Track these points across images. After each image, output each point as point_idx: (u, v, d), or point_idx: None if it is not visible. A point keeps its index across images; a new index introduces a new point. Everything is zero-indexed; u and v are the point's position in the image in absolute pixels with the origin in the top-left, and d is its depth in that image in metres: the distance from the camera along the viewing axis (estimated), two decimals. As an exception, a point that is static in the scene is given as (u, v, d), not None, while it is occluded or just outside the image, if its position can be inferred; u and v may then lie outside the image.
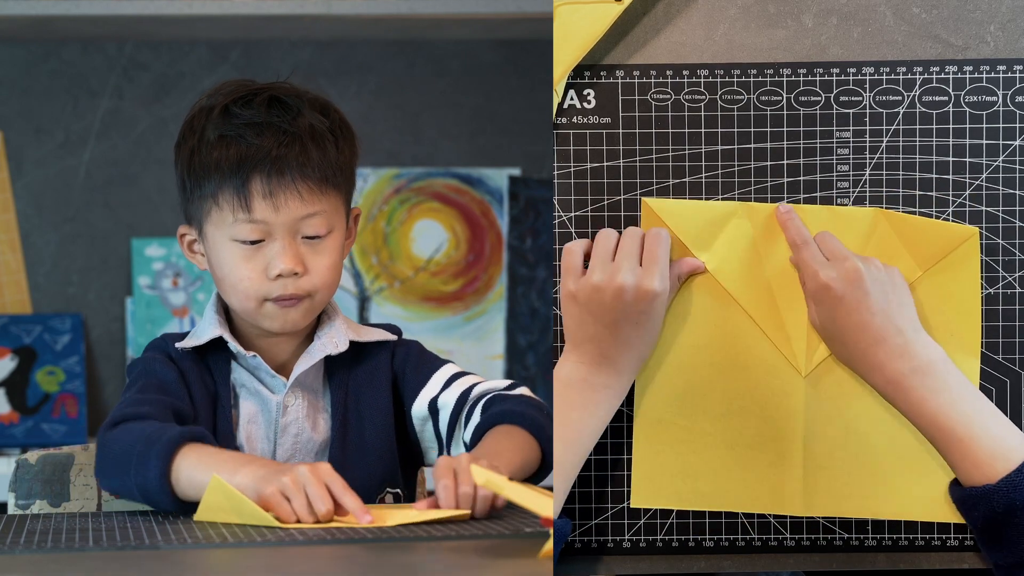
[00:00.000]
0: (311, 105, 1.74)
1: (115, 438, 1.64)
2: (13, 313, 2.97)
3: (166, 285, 3.00)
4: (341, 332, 1.78)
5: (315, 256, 1.72)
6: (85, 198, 3.01)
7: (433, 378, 1.79)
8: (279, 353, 1.78)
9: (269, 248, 1.70)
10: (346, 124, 1.77)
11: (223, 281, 1.73)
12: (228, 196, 1.69)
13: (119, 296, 3.02)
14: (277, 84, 1.77)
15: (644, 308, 1.56)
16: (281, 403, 1.76)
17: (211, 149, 1.70)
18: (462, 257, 3.10)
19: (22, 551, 1.40)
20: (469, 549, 1.39)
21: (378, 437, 1.77)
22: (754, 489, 1.64)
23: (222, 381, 1.76)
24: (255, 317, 1.73)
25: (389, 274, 3.08)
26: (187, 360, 1.75)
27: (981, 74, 1.64)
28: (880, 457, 1.63)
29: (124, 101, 3.02)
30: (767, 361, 1.63)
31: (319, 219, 1.71)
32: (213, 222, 1.71)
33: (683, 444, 1.64)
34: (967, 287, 1.62)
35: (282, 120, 1.71)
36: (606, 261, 1.57)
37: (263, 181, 1.68)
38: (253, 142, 1.69)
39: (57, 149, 3.00)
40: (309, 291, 1.72)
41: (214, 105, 1.73)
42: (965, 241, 1.62)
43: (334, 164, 1.72)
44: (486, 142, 3.11)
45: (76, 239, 3.01)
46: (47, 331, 2.97)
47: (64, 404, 2.95)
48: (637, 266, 1.56)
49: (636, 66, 1.65)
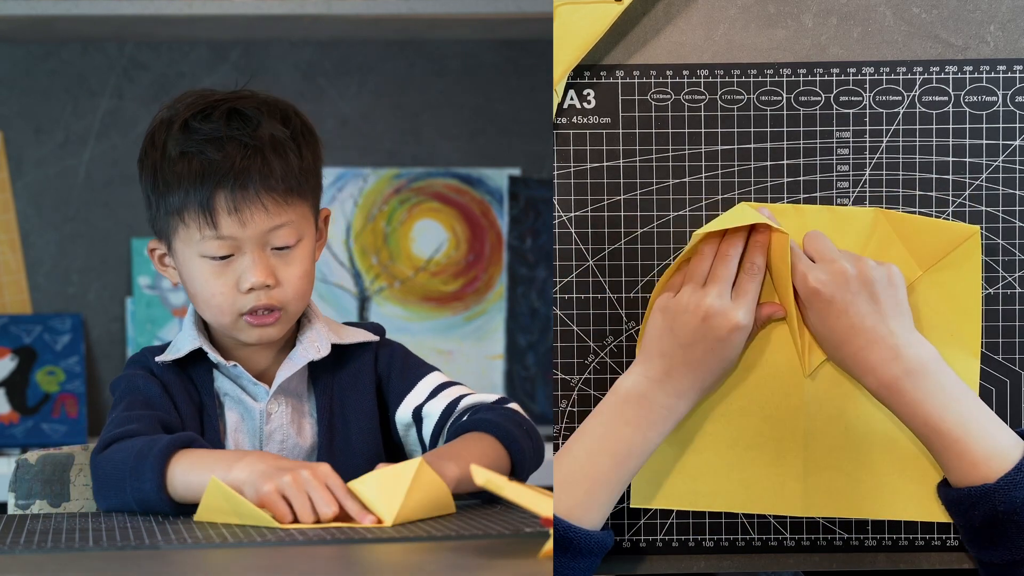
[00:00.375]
0: (271, 114, 1.72)
1: (107, 459, 1.64)
2: (13, 313, 2.97)
3: (166, 285, 3.00)
4: (323, 336, 1.77)
5: (286, 267, 1.71)
6: (85, 198, 3.01)
7: (419, 385, 1.78)
8: (260, 360, 1.78)
9: (239, 262, 1.69)
10: (308, 128, 1.75)
11: (196, 297, 1.73)
12: (193, 214, 1.68)
13: (119, 296, 3.02)
14: (236, 94, 1.75)
15: (724, 337, 1.55)
16: (264, 411, 1.75)
17: (173, 165, 1.69)
18: (462, 257, 3.10)
19: (22, 551, 1.40)
20: (469, 549, 1.39)
21: (364, 441, 1.77)
22: (754, 489, 1.63)
23: (206, 391, 1.75)
24: (231, 331, 1.73)
25: (389, 274, 3.08)
26: (169, 373, 1.75)
27: (981, 74, 1.64)
28: (880, 458, 1.62)
29: (124, 101, 3.01)
30: (768, 361, 1.63)
31: (287, 230, 1.70)
32: (181, 239, 1.71)
33: (683, 444, 1.64)
34: (968, 286, 1.62)
35: (242, 133, 1.69)
36: (699, 283, 1.57)
37: (227, 197, 1.67)
38: (214, 157, 1.68)
39: (57, 149, 3.00)
40: (282, 302, 1.71)
41: (174, 119, 1.72)
42: (966, 240, 1.62)
43: (298, 173, 1.71)
44: (486, 142, 3.11)
45: (76, 239, 3.01)
46: (47, 331, 2.97)
47: (64, 404, 2.95)
48: (727, 293, 1.56)
49: (636, 66, 1.65)
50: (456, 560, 1.34)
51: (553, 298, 1.66)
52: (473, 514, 1.60)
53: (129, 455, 1.62)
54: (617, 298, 1.66)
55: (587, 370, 1.66)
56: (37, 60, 2.99)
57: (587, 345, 1.66)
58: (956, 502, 1.54)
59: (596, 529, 1.55)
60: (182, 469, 1.59)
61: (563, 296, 1.66)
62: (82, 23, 2.82)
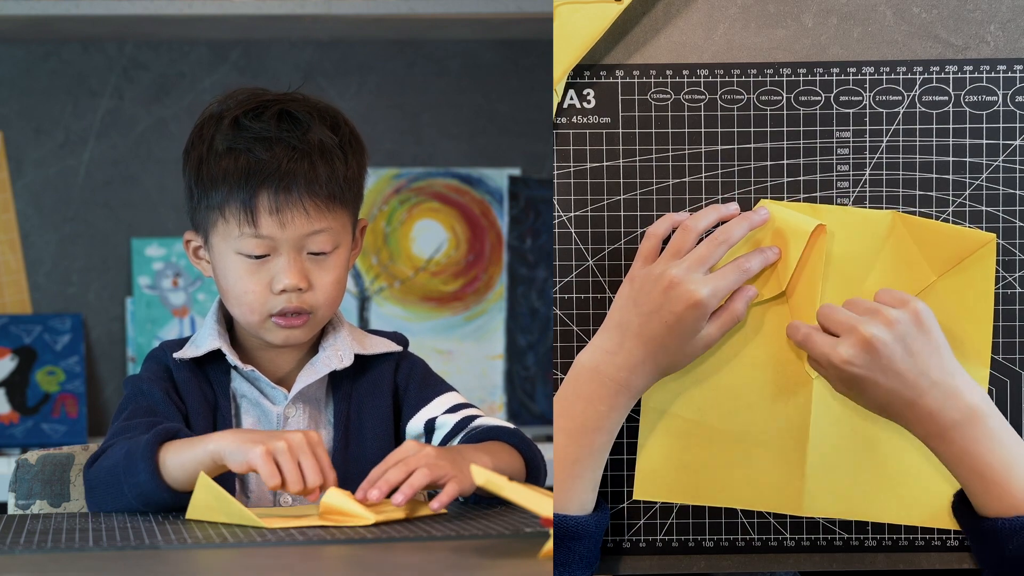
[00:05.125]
0: (321, 119, 1.73)
1: (98, 467, 1.65)
2: (13, 313, 2.97)
3: (166, 285, 3.00)
4: (346, 345, 1.77)
5: (320, 272, 1.72)
6: (85, 198, 3.01)
7: (436, 401, 1.79)
8: (282, 364, 1.78)
9: (274, 263, 1.70)
10: (356, 137, 1.76)
11: (227, 293, 1.73)
12: (234, 210, 1.69)
13: (119, 296, 3.02)
14: (288, 95, 1.76)
15: (680, 312, 1.51)
16: (282, 415, 1.75)
17: (219, 160, 1.70)
18: (462, 257, 3.10)
19: (22, 551, 1.40)
20: (469, 549, 1.39)
21: (379, 447, 1.77)
22: (757, 487, 1.63)
23: (222, 392, 1.75)
24: (258, 331, 1.73)
25: (389, 274, 3.08)
26: (185, 370, 1.75)
27: (981, 74, 1.64)
28: (885, 461, 1.62)
29: (124, 101, 3.02)
30: (776, 358, 1.62)
31: (325, 236, 1.71)
32: (219, 233, 1.71)
33: (689, 438, 1.63)
34: (980, 295, 1.61)
35: (291, 136, 1.70)
36: (675, 256, 1.54)
37: (270, 197, 1.68)
38: (262, 157, 1.68)
39: (57, 149, 3.00)
40: (313, 306, 1.72)
41: (224, 114, 1.72)
42: (981, 248, 1.61)
43: (342, 180, 1.71)
44: (486, 142, 3.11)
45: (76, 239, 3.01)
46: (47, 331, 2.97)
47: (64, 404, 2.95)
48: (701, 270, 1.52)
49: (636, 66, 1.65)
50: (456, 560, 1.34)
51: (553, 298, 1.66)
52: (473, 514, 1.60)
53: (119, 457, 1.62)
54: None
55: (587, 370, 1.66)
56: (37, 60, 2.99)
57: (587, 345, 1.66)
58: (991, 533, 1.50)
59: (579, 513, 1.54)
60: (173, 452, 1.59)
61: (563, 296, 1.66)
62: (82, 23, 2.82)
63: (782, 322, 1.62)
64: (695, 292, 1.52)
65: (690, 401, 1.63)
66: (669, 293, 1.52)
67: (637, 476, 1.64)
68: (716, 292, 1.53)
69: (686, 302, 1.52)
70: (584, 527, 1.54)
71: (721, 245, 1.55)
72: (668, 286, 1.52)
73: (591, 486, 1.56)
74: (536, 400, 3.08)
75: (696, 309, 1.52)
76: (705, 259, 1.54)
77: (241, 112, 1.71)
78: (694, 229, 1.56)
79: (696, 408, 1.63)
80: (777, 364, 1.63)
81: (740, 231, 1.57)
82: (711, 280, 1.53)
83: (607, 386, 1.54)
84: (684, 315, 1.52)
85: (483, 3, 2.82)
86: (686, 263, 1.53)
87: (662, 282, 1.52)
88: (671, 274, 1.52)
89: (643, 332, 1.53)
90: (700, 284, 1.52)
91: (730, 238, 1.56)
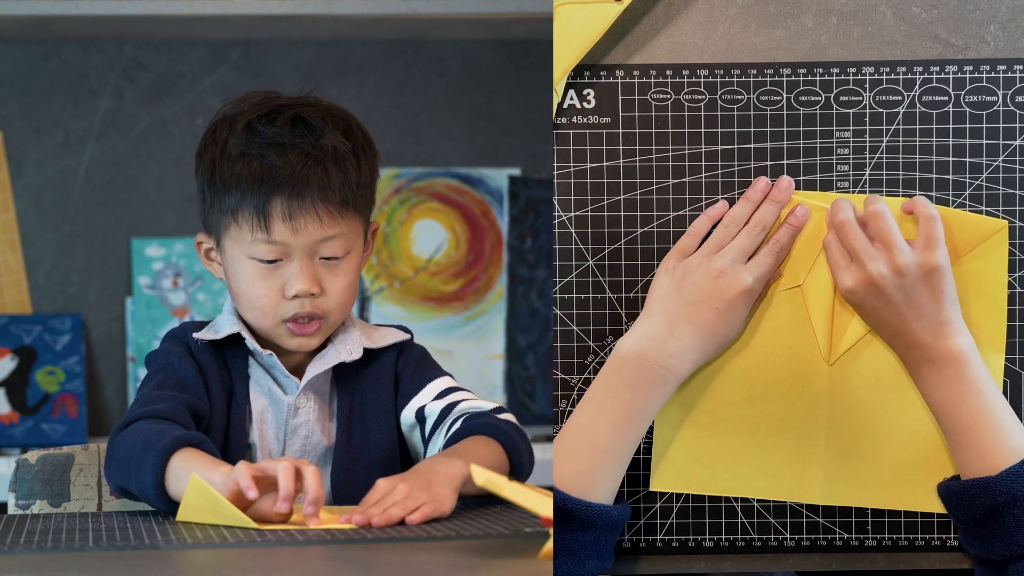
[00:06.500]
0: (334, 124, 1.73)
1: (122, 440, 1.64)
2: (13, 313, 2.97)
3: (166, 285, 3.00)
4: (356, 341, 1.78)
5: (332, 277, 1.72)
6: (85, 198, 3.01)
7: (427, 387, 1.78)
8: (295, 354, 1.78)
9: (287, 268, 1.70)
10: (369, 141, 1.76)
11: (240, 296, 1.73)
12: (247, 215, 1.69)
13: (119, 296, 3.02)
14: (302, 100, 1.76)
15: (732, 298, 1.58)
16: (293, 404, 1.76)
17: (232, 164, 1.70)
18: (462, 257, 3.10)
19: (22, 551, 1.40)
20: (469, 549, 1.39)
21: (381, 438, 1.77)
22: (774, 476, 1.63)
23: (239, 378, 1.76)
24: (271, 335, 1.74)
25: (389, 274, 3.08)
26: (206, 353, 1.75)
27: (981, 74, 1.64)
28: (902, 449, 1.62)
29: (124, 101, 3.01)
30: (792, 348, 1.63)
31: (337, 241, 1.71)
32: (231, 237, 1.71)
33: (705, 428, 1.64)
34: (994, 280, 1.62)
35: (305, 141, 1.70)
36: (714, 250, 1.60)
37: (283, 203, 1.68)
38: (275, 163, 1.68)
39: (57, 149, 3.00)
40: (325, 311, 1.72)
41: (238, 117, 1.72)
42: (994, 234, 1.61)
43: (355, 186, 1.71)
44: (486, 142, 3.11)
45: (76, 239, 3.01)
46: (47, 331, 2.97)
47: (64, 404, 2.95)
48: (742, 260, 1.59)
49: (636, 66, 1.65)
50: (456, 560, 1.34)
51: (553, 298, 1.66)
52: (473, 514, 1.60)
53: (138, 442, 1.61)
54: (617, 298, 1.66)
55: (587, 370, 1.67)
56: (37, 60, 2.99)
57: (587, 345, 1.66)
58: (958, 495, 1.55)
59: (603, 502, 1.55)
60: (179, 464, 1.58)
61: (563, 296, 1.66)
62: (82, 23, 2.82)
63: (797, 313, 1.62)
64: (744, 280, 1.58)
65: (704, 391, 1.63)
66: (718, 282, 1.58)
67: (653, 468, 1.64)
68: (760, 278, 1.60)
69: (736, 289, 1.58)
70: (603, 516, 1.54)
71: (760, 233, 1.61)
72: (717, 275, 1.58)
73: (621, 477, 1.57)
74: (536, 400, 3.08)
75: (746, 295, 1.59)
76: (747, 249, 1.60)
77: (255, 116, 1.71)
78: (734, 223, 1.61)
79: (711, 398, 1.63)
80: (792, 354, 1.63)
81: (772, 214, 1.62)
82: (753, 267, 1.59)
83: (656, 372, 1.56)
84: (735, 301, 1.58)
85: (483, 3, 2.82)
86: (730, 254, 1.59)
87: (711, 272, 1.58)
88: (719, 264, 1.58)
89: (694, 320, 1.57)
90: (746, 272, 1.59)
91: (765, 223, 1.61)
